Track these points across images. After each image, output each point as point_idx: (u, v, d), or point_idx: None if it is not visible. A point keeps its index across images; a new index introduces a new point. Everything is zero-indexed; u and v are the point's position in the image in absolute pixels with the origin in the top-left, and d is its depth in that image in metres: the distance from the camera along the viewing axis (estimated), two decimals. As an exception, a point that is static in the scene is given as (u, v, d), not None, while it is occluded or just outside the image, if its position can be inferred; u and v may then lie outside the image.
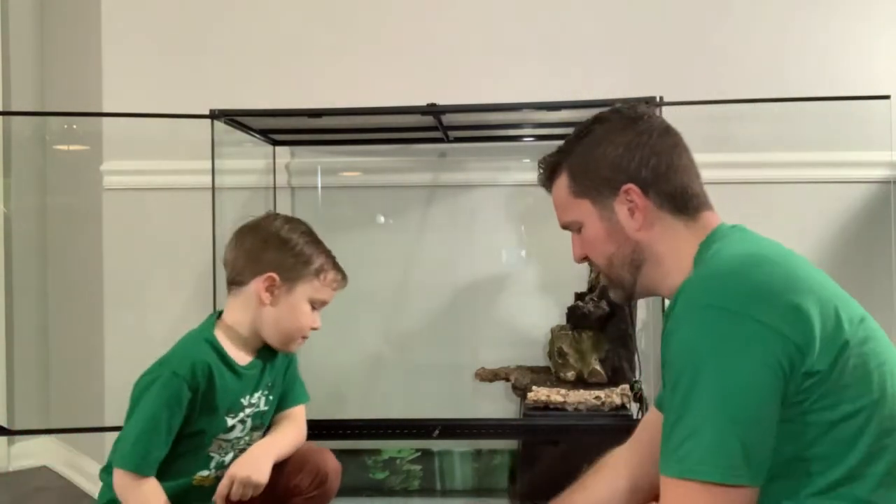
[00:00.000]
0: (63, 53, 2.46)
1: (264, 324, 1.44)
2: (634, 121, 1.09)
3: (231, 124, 1.91)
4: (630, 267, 1.09)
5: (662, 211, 1.05)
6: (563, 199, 1.14)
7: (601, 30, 2.12)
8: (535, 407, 1.80)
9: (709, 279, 0.93)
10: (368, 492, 2.15)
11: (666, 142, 1.08)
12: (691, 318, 0.90)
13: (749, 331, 0.85)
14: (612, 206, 1.08)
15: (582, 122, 1.14)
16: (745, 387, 0.85)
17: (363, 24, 2.17)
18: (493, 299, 2.17)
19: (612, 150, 1.07)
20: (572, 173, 1.12)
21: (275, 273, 1.41)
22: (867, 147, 2.05)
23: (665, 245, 1.06)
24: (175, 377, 1.33)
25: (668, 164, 1.06)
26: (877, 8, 2.10)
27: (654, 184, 1.05)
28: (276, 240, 1.44)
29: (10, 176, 2.39)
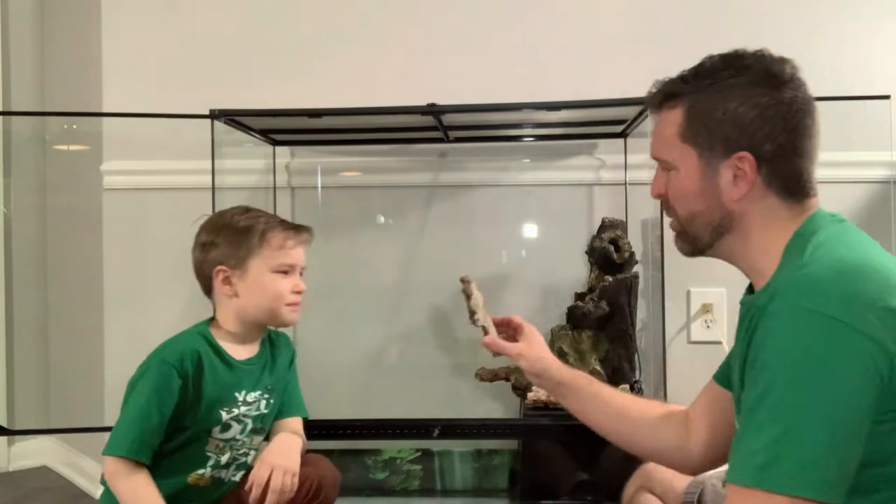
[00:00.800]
0: (63, 53, 2.46)
1: (246, 313, 1.42)
2: (781, 84, 0.97)
3: (231, 124, 1.91)
4: (712, 231, 1.01)
5: (769, 190, 0.97)
6: (667, 135, 1.03)
7: (601, 30, 2.12)
8: (535, 407, 1.80)
9: (814, 283, 0.85)
10: (368, 492, 2.15)
11: (804, 120, 0.98)
12: (793, 321, 0.83)
13: (855, 343, 0.80)
14: (717, 166, 0.98)
15: (720, 57, 1.01)
16: (849, 402, 0.80)
17: (363, 24, 2.17)
18: (493, 300, 2.17)
19: (745, 110, 0.96)
20: (690, 115, 1.00)
21: (222, 265, 1.40)
22: (867, 147, 2.05)
23: (758, 223, 0.99)
24: (164, 364, 1.33)
25: (796, 145, 0.97)
26: (876, 8, 2.10)
27: (772, 161, 0.97)
28: (210, 235, 1.42)
29: (10, 176, 2.39)
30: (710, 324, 2.09)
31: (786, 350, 0.82)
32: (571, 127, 2.07)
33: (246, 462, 1.47)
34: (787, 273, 0.91)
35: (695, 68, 1.02)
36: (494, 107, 1.82)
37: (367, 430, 1.88)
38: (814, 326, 0.81)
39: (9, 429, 2.27)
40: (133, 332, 2.13)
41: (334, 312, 2.20)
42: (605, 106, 1.78)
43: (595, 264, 1.96)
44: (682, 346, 2.10)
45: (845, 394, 0.80)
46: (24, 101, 2.43)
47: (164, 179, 2.15)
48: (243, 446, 1.45)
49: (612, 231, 1.93)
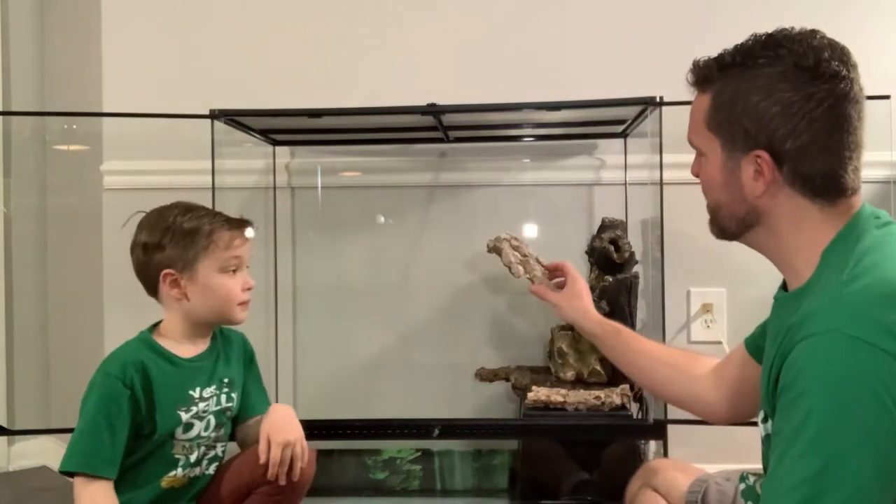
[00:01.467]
0: (63, 53, 2.46)
1: (197, 314, 1.41)
2: (813, 78, 0.91)
3: (231, 124, 1.91)
4: (738, 223, 0.99)
5: (793, 189, 0.93)
6: (697, 119, 1.00)
7: (601, 29, 2.12)
8: (535, 407, 1.80)
9: (857, 306, 0.80)
10: (368, 492, 2.15)
11: (834, 117, 0.92)
12: (834, 347, 0.78)
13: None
14: (739, 160, 0.95)
15: (765, 37, 0.98)
16: (893, 435, 0.75)
17: (363, 24, 2.17)
18: (493, 299, 2.17)
19: (768, 105, 0.91)
20: (716, 102, 0.97)
21: (169, 269, 1.37)
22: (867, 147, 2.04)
23: (788, 223, 0.94)
24: (107, 377, 1.32)
25: (822, 145, 0.91)
26: (876, 8, 2.10)
27: (793, 160, 0.92)
28: (153, 236, 1.38)
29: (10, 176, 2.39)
30: (711, 324, 2.09)
31: (825, 378, 0.78)
32: (571, 127, 2.07)
33: (217, 455, 1.47)
34: (827, 288, 0.86)
35: (733, 49, 0.98)
36: (494, 107, 1.82)
37: (367, 430, 1.88)
38: (857, 354, 0.77)
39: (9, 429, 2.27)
40: (133, 332, 2.12)
41: (334, 312, 2.21)
42: (605, 106, 1.78)
43: (595, 264, 1.96)
44: (682, 346, 2.10)
45: (889, 426, 0.75)
46: (24, 101, 2.43)
47: (164, 179, 2.15)
48: (210, 441, 1.44)
49: (612, 231, 1.93)
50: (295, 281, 2.21)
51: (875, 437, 0.75)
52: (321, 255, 2.22)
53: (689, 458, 1.49)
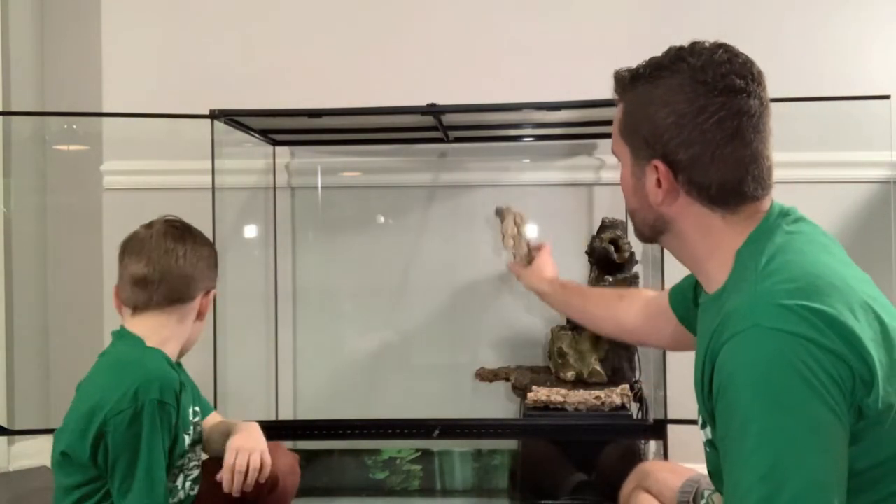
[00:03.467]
0: (63, 53, 2.46)
1: (193, 338, 1.39)
2: (710, 91, 0.92)
3: (231, 124, 1.91)
4: (650, 229, 1.03)
5: (691, 197, 0.95)
6: (614, 128, 1.04)
7: (601, 29, 2.12)
8: (535, 407, 1.80)
9: (772, 300, 0.82)
10: (368, 492, 2.15)
11: (726, 130, 0.92)
12: (758, 342, 0.80)
13: (821, 358, 0.78)
14: (643, 168, 0.98)
15: (675, 50, 0.97)
16: (829, 416, 0.77)
17: (363, 24, 2.17)
18: (494, 299, 2.17)
19: (663, 115, 0.94)
20: (626, 112, 1.01)
21: (214, 288, 1.40)
22: (867, 147, 2.05)
23: (694, 229, 0.97)
24: (163, 408, 1.20)
25: (714, 156, 0.92)
26: (876, 8, 2.10)
27: (686, 170, 0.94)
28: (210, 251, 1.40)
29: (10, 176, 2.39)
30: (710, 324, 2.09)
31: (755, 374, 0.79)
32: (571, 127, 2.07)
33: (198, 476, 1.36)
34: (743, 287, 0.88)
35: (646, 61, 1.00)
36: (494, 107, 1.82)
37: (367, 430, 1.88)
38: (779, 345, 0.79)
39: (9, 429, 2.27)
40: (133, 332, 2.13)
41: (334, 312, 2.21)
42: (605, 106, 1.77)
43: (595, 264, 1.96)
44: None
45: (825, 409, 0.77)
46: (24, 101, 2.43)
47: (164, 179, 2.15)
48: (196, 461, 1.36)
49: (612, 231, 1.93)
50: (295, 281, 2.21)
51: (815, 422, 0.77)
52: (321, 255, 2.22)
53: (689, 458, 1.49)
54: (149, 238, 1.35)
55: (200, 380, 1.96)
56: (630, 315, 1.40)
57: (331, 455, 2.16)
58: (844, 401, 0.78)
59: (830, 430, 0.77)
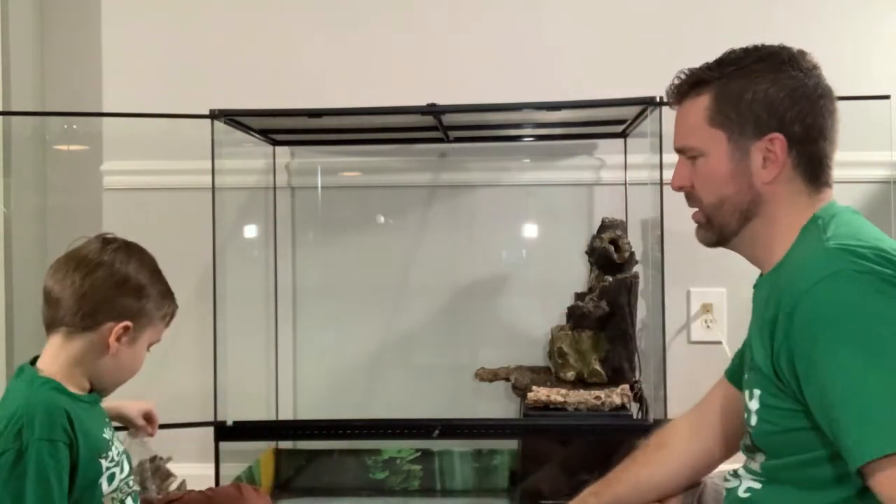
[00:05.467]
0: (63, 53, 2.46)
1: (102, 372, 1.19)
2: (805, 70, 1.01)
3: (231, 124, 1.91)
4: (740, 216, 1.01)
5: (796, 172, 0.99)
6: (694, 121, 1.03)
7: (601, 29, 2.12)
8: (535, 407, 1.80)
9: (849, 249, 0.87)
10: (368, 492, 2.15)
11: (828, 106, 1.00)
12: (847, 284, 0.85)
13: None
14: (748, 149, 0.99)
15: (742, 48, 1.03)
16: None
17: (363, 24, 2.17)
18: (493, 299, 2.17)
19: (775, 91, 0.98)
20: (719, 98, 1.01)
21: (131, 321, 1.16)
22: (867, 147, 2.04)
23: (784, 208, 0.99)
24: (53, 445, 1.05)
25: (822, 128, 0.99)
26: (876, 8, 2.10)
27: (802, 142, 0.98)
28: (133, 284, 1.18)
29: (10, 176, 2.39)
30: (710, 324, 2.09)
31: (850, 313, 0.84)
32: (571, 127, 2.07)
33: (134, 492, 1.26)
34: (809, 247, 0.93)
35: (718, 58, 1.03)
36: (494, 107, 1.82)
37: (367, 430, 1.88)
38: (867, 285, 0.83)
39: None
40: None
41: (334, 312, 2.21)
42: (605, 106, 1.78)
43: (595, 264, 1.96)
44: (682, 346, 2.11)
45: None
46: (24, 101, 2.43)
47: (164, 179, 2.15)
48: (130, 484, 1.24)
49: (612, 231, 1.93)
50: (295, 281, 2.21)
51: None
52: (321, 255, 2.22)
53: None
54: (71, 253, 1.22)
55: (200, 379, 1.97)
56: (689, 452, 1.19)
57: (331, 455, 2.16)
58: None
59: None
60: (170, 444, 1.61)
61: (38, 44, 2.50)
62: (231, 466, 1.97)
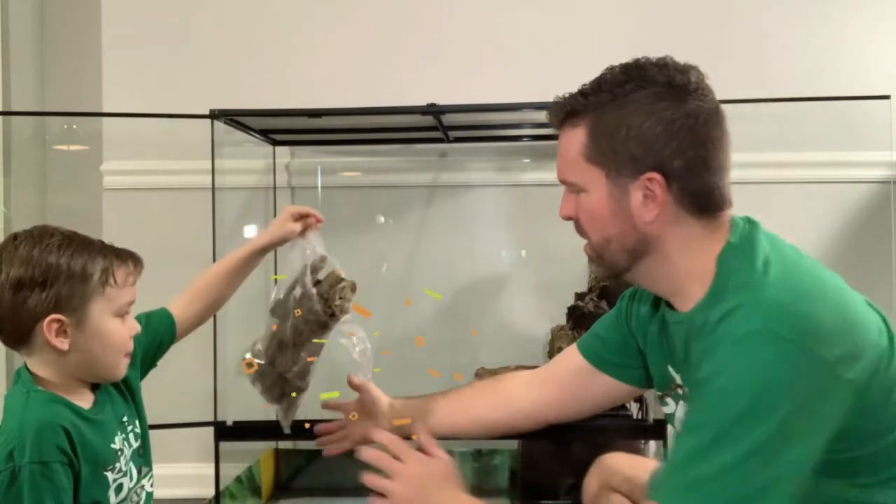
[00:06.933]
0: (63, 53, 2.46)
1: (76, 369, 1.10)
2: (685, 95, 0.92)
3: (231, 124, 1.91)
4: (628, 255, 0.96)
5: (681, 208, 0.92)
6: (571, 156, 0.97)
7: (601, 29, 2.12)
8: (535, 407, 1.79)
9: (779, 306, 0.83)
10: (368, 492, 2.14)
11: (712, 131, 0.92)
12: (763, 346, 0.81)
13: (826, 379, 0.80)
14: (626, 187, 0.93)
15: (621, 69, 0.97)
16: (816, 425, 0.81)
17: (363, 24, 2.17)
18: (493, 299, 2.17)
19: (650, 126, 0.90)
20: (594, 134, 0.94)
21: (56, 314, 1.05)
22: (867, 147, 2.05)
23: (676, 245, 0.94)
24: (45, 468, 1.01)
25: (705, 159, 0.91)
26: (876, 8, 2.10)
27: (682, 178, 0.91)
28: (30, 279, 1.05)
29: (10, 176, 2.39)
30: (710, 324, 2.09)
31: (753, 374, 0.80)
32: (571, 127, 2.07)
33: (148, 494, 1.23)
34: (745, 289, 0.87)
35: (595, 81, 0.97)
36: (494, 107, 1.82)
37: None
38: (783, 352, 0.80)
39: (9, 429, 2.27)
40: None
41: (334, 312, 2.20)
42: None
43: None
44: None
45: (812, 418, 0.80)
46: (24, 101, 2.43)
47: (164, 179, 2.15)
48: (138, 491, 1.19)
49: (612, 231, 1.93)
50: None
51: (796, 426, 0.80)
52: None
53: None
54: None
55: (200, 380, 1.97)
56: (526, 396, 1.26)
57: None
58: (837, 414, 0.81)
59: (811, 436, 0.81)
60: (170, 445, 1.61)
61: (38, 44, 2.50)
62: (231, 466, 1.97)
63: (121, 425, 1.17)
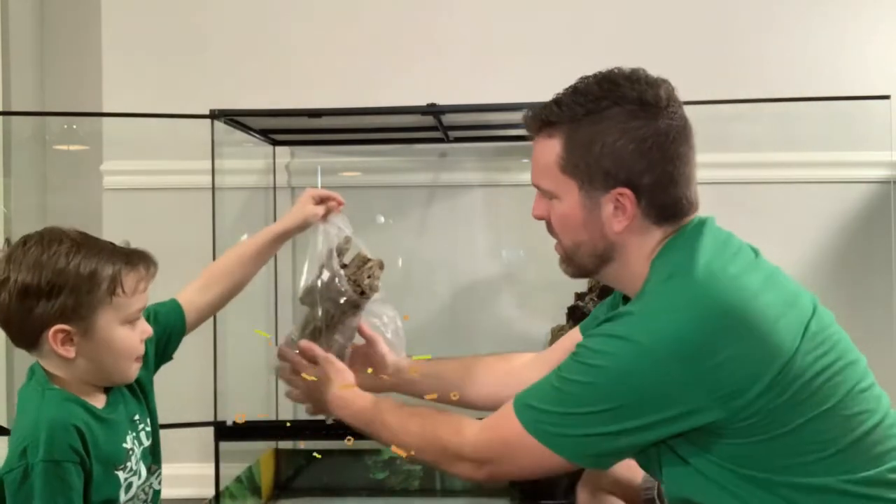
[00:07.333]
0: (63, 53, 2.46)
1: (85, 373, 1.09)
2: (657, 112, 0.97)
3: (231, 124, 1.91)
4: (596, 259, 1.03)
5: (647, 220, 0.98)
6: (546, 165, 1.03)
7: (601, 29, 2.12)
8: (535, 407, 1.79)
9: (657, 317, 0.90)
10: (368, 492, 2.15)
11: (680, 147, 0.97)
12: (638, 339, 0.89)
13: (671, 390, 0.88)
14: (598, 199, 0.98)
15: (595, 82, 1.01)
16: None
17: (364, 23, 2.17)
18: (493, 299, 2.17)
19: (623, 144, 0.95)
20: (569, 147, 0.99)
21: (61, 324, 1.04)
22: (867, 147, 2.05)
23: (638, 251, 1.00)
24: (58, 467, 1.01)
25: (672, 174, 0.96)
26: (876, 8, 2.10)
27: (650, 193, 0.96)
28: (37, 279, 1.04)
29: (10, 176, 2.39)
30: (710, 324, 2.09)
31: (616, 355, 0.91)
32: (571, 127, 2.07)
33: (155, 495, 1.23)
34: (645, 297, 0.95)
35: (570, 93, 1.02)
36: (494, 107, 1.82)
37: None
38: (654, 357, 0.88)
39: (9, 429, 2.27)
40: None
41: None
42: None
43: (595, 264, 1.96)
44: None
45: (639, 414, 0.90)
46: (24, 101, 2.43)
47: (164, 179, 2.15)
48: (146, 489, 1.19)
49: (612, 231, 1.93)
50: (295, 281, 2.20)
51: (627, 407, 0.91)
52: (321, 255, 2.22)
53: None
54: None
55: (200, 380, 1.97)
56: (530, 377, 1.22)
57: (331, 455, 2.16)
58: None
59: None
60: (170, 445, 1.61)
61: (38, 44, 2.50)
62: (231, 466, 1.97)
63: (132, 424, 1.17)
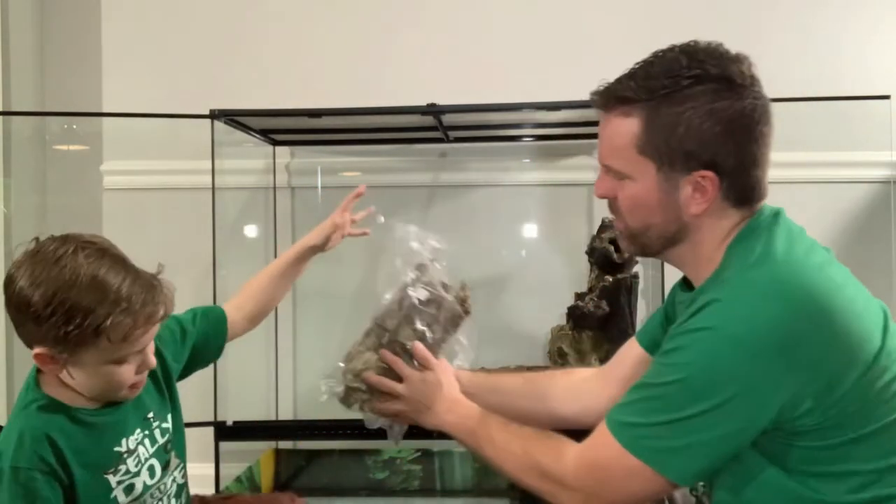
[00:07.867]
0: (63, 53, 2.46)
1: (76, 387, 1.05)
2: (742, 90, 0.92)
3: (231, 124, 1.91)
4: (665, 241, 0.99)
5: (726, 202, 0.94)
6: (621, 145, 0.96)
7: (601, 29, 2.12)
8: (535, 407, 1.79)
9: (750, 305, 0.87)
10: (368, 492, 2.15)
11: (764, 127, 0.93)
12: (710, 343, 0.87)
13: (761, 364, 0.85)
14: (677, 181, 0.94)
15: (675, 57, 0.94)
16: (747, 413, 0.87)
17: (363, 23, 2.17)
18: (493, 299, 2.17)
19: (710, 125, 0.91)
20: (649, 127, 0.93)
21: (43, 348, 1.00)
22: (867, 147, 2.05)
23: (712, 233, 0.96)
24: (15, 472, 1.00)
25: (756, 155, 0.93)
26: (876, 8, 2.10)
27: (732, 174, 0.93)
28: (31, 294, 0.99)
29: (10, 176, 2.39)
30: (710, 324, 2.09)
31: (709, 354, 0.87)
32: (571, 127, 2.07)
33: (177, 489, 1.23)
34: (727, 284, 0.91)
35: (647, 67, 0.96)
36: (494, 107, 1.82)
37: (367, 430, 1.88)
38: (726, 350, 0.86)
39: (9, 429, 2.27)
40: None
41: (334, 312, 2.20)
42: (605, 106, 1.78)
43: (595, 264, 1.96)
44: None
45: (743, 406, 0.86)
46: (24, 101, 2.43)
47: (164, 179, 2.15)
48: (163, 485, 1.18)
49: (612, 231, 1.92)
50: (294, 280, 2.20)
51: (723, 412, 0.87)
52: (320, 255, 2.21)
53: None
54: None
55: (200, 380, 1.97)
56: (601, 394, 1.21)
57: (331, 455, 2.16)
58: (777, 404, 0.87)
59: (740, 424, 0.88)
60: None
61: (38, 44, 2.50)
62: (231, 466, 1.97)
63: (143, 423, 1.14)
